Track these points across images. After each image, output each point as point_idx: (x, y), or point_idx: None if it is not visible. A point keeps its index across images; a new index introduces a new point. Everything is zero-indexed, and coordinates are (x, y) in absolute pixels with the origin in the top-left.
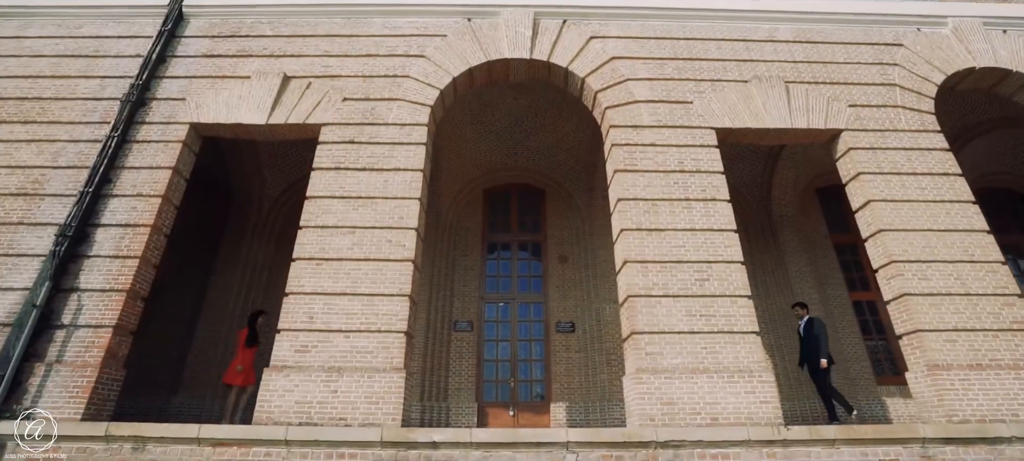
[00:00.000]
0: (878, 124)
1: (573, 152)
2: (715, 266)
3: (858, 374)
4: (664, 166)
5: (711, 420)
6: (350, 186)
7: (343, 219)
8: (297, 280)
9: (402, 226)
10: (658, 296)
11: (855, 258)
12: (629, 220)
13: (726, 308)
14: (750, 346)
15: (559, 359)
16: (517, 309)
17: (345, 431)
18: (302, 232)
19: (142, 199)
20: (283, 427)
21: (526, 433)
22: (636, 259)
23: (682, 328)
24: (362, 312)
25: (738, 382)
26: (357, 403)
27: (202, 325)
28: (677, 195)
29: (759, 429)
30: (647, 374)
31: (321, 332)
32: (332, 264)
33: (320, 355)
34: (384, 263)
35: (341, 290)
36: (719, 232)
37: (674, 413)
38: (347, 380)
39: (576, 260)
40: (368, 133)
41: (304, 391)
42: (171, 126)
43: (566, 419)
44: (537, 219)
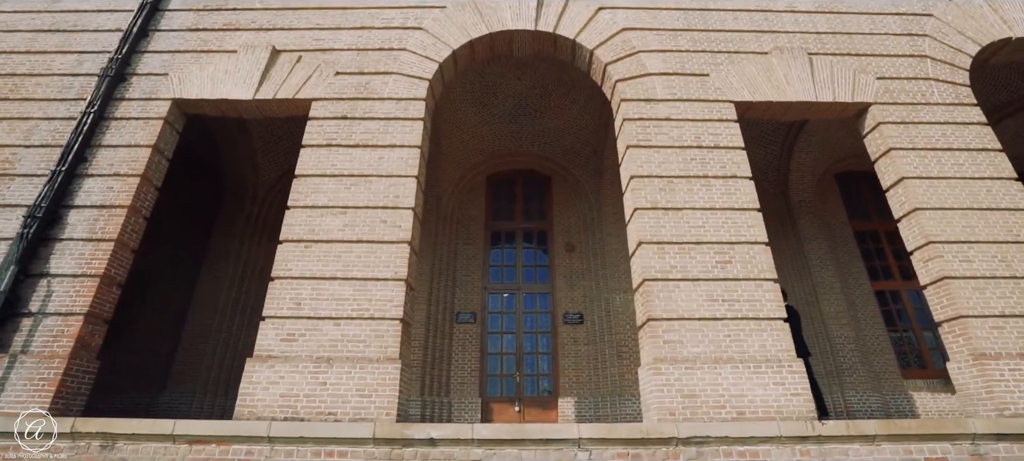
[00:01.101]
0: (909, 97)
1: (580, 135)
2: (738, 247)
3: (882, 368)
4: (680, 141)
5: (737, 414)
6: (342, 164)
7: (334, 199)
8: (284, 264)
9: (398, 206)
10: (676, 280)
11: (877, 246)
12: (643, 198)
13: (751, 292)
14: (778, 334)
15: (567, 352)
16: (522, 300)
17: (334, 427)
18: (290, 213)
19: (119, 179)
20: (266, 422)
21: (533, 428)
22: (652, 240)
23: (703, 314)
24: (354, 297)
25: (765, 373)
26: (348, 396)
27: (192, 318)
28: (695, 172)
29: (790, 424)
30: (666, 364)
31: (309, 319)
32: (322, 246)
33: (308, 344)
34: (378, 245)
35: (331, 274)
36: (741, 211)
37: (696, 407)
38: (337, 371)
39: (584, 248)
40: (362, 108)
41: (290, 383)
42: (152, 102)
43: (575, 415)
44: (543, 206)
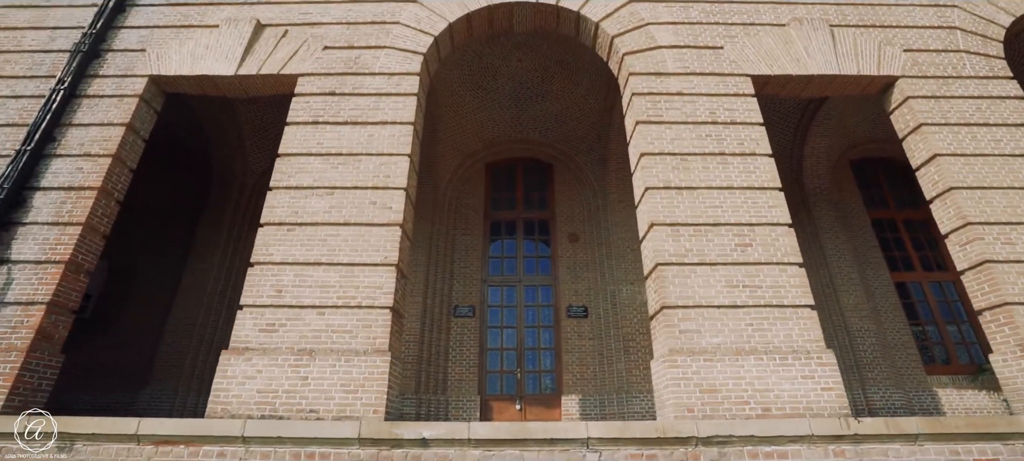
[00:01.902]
0: (939, 70)
1: (584, 120)
2: (758, 229)
3: (905, 363)
4: (693, 117)
5: (763, 411)
6: (329, 142)
7: (320, 179)
8: (264, 248)
9: (388, 186)
10: (692, 264)
11: (895, 236)
12: (655, 177)
13: (774, 277)
14: (805, 322)
15: (571, 347)
16: (523, 292)
17: (316, 426)
18: (272, 194)
19: (90, 159)
20: (240, 421)
21: (536, 427)
22: (665, 221)
23: (722, 301)
24: (340, 284)
25: (793, 365)
26: (331, 392)
27: (176, 312)
28: (710, 149)
29: (822, 421)
30: (682, 356)
31: (291, 308)
32: (306, 229)
33: (289, 335)
34: (367, 228)
35: (316, 259)
36: (761, 190)
37: (717, 403)
38: (320, 365)
39: (588, 239)
40: (351, 84)
41: (268, 378)
42: (127, 79)
43: (579, 413)
44: (545, 195)
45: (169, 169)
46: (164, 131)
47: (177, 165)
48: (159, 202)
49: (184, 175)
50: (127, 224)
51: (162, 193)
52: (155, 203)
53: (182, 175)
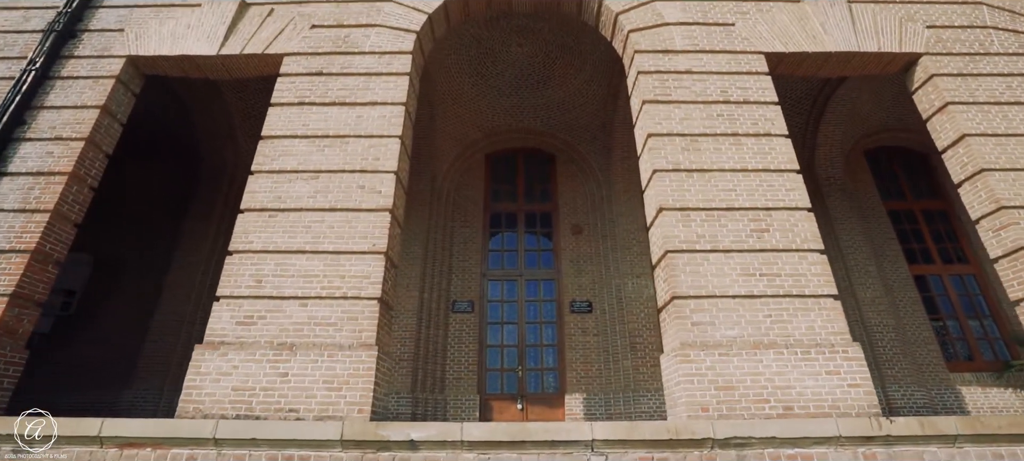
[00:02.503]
0: (966, 47)
1: (587, 108)
2: (775, 214)
3: (926, 360)
4: (704, 96)
5: (784, 410)
6: (315, 123)
7: (305, 162)
8: (244, 236)
9: (378, 169)
10: (705, 251)
11: (914, 227)
12: (663, 159)
13: (793, 265)
14: (828, 313)
15: (574, 344)
16: (525, 287)
17: (295, 427)
18: (253, 178)
19: (60, 143)
20: (212, 421)
21: (536, 429)
22: (674, 206)
23: (738, 291)
24: (324, 274)
25: (816, 360)
26: (313, 389)
27: (162, 307)
28: (722, 129)
29: (850, 421)
30: (695, 350)
31: (271, 299)
32: (289, 215)
33: (268, 328)
34: (354, 213)
35: (299, 247)
36: (777, 173)
37: (734, 401)
38: (301, 360)
39: (592, 231)
40: (340, 63)
41: (245, 374)
42: (104, 60)
43: (583, 412)
44: (547, 186)
45: (158, 161)
46: (153, 122)
47: (167, 156)
48: (149, 194)
49: (173, 166)
50: (115, 217)
51: (151, 185)
52: (144, 195)
53: (172, 166)
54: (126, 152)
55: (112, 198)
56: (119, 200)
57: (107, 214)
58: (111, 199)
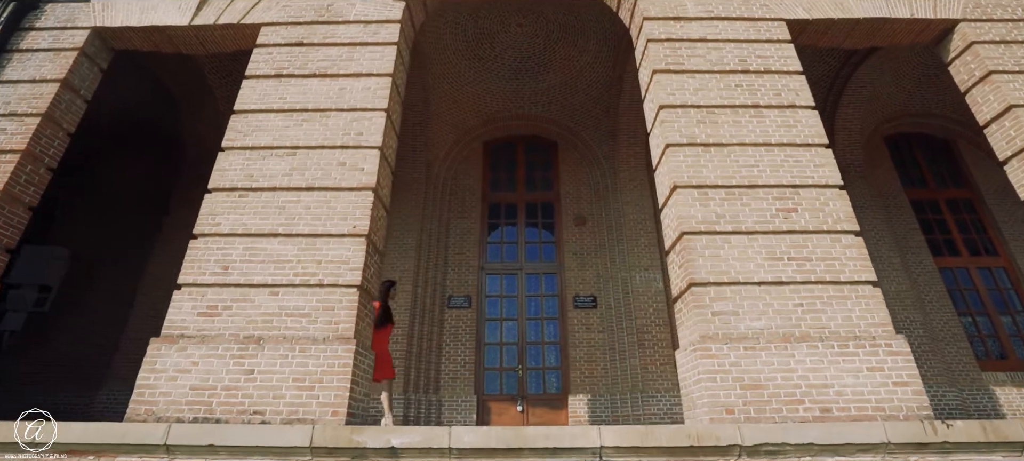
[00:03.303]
0: (1008, 13)
1: (590, 91)
2: (804, 192)
3: (956, 358)
4: (721, 65)
5: (821, 412)
6: (294, 97)
7: (281, 138)
8: (210, 218)
9: (360, 145)
10: (725, 232)
11: (938, 217)
12: (677, 132)
13: (825, 248)
14: (867, 301)
15: (578, 341)
16: (525, 281)
17: (259, 431)
18: (223, 155)
19: (15, 119)
20: (164, 426)
21: (535, 434)
22: (690, 183)
23: (764, 277)
24: (299, 259)
25: (855, 354)
26: (282, 389)
27: (141, 302)
28: (742, 101)
29: (900, 425)
30: (717, 344)
31: (239, 287)
32: (262, 195)
33: (234, 319)
34: (333, 193)
35: (271, 229)
36: (805, 147)
37: (763, 402)
38: (270, 355)
39: (597, 221)
40: (321, 33)
41: (206, 371)
42: (67, 32)
43: (588, 415)
44: (548, 175)
45: (143, 150)
46: (135, 113)
47: (149, 148)
48: (130, 187)
49: (156, 158)
50: (94, 211)
51: (135, 175)
52: (126, 188)
53: (154, 158)
54: (107, 144)
55: (92, 191)
56: (99, 193)
57: (86, 207)
58: (91, 192)
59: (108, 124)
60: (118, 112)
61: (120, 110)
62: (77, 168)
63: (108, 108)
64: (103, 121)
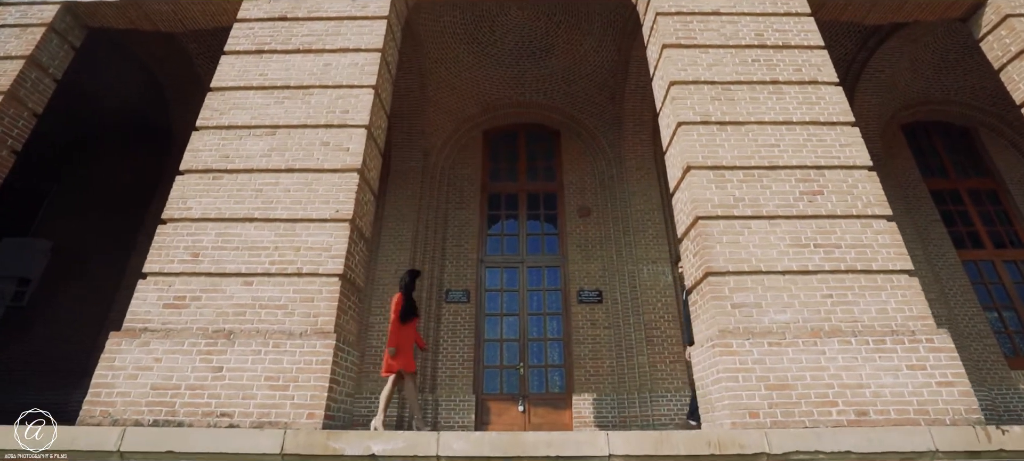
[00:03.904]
0: None
1: (595, 77)
2: (829, 173)
3: (983, 356)
4: (735, 39)
5: (856, 415)
6: (275, 73)
7: (260, 116)
8: (181, 201)
9: (346, 123)
10: (744, 217)
11: (959, 208)
12: (689, 110)
13: (855, 234)
14: (904, 292)
15: (582, 337)
16: (527, 275)
17: (225, 436)
18: (197, 135)
19: None
20: (119, 430)
21: (535, 440)
22: (705, 164)
23: (788, 265)
24: (276, 246)
25: (893, 351)
26: (253, 388)
27: (122, 298)
28: (759, 76)
29: (948, 431)
30: (738, 339)
31: (209, 276)
32: (237, 177)
33: (203, 311)
34: (315, 175)
35: (246, 214)
36: (829, 126)
37: (791, 404)
38: (241, 351)
39: (601, 212)
40: (307, 6)
41: (169, 369)
42: (35, 7)
43: (593, 415)
44: (551, 164)
45: (132, 142)
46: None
47: (140, 137)
48: (121, 177)
49: (148, 147)
50: (78, 203)
51: (124, 167)
52: (116, 179)
53: (146, 147)
54: (95, 136)
55: (78, 183)
56: (86, 186)
57: (72, 200)
58: (77, 184)
59: (95, 115)
60: (105, 103)
61: (107, 101)
62: (63, 160)
63: (95, 99)
64: (90, 112)
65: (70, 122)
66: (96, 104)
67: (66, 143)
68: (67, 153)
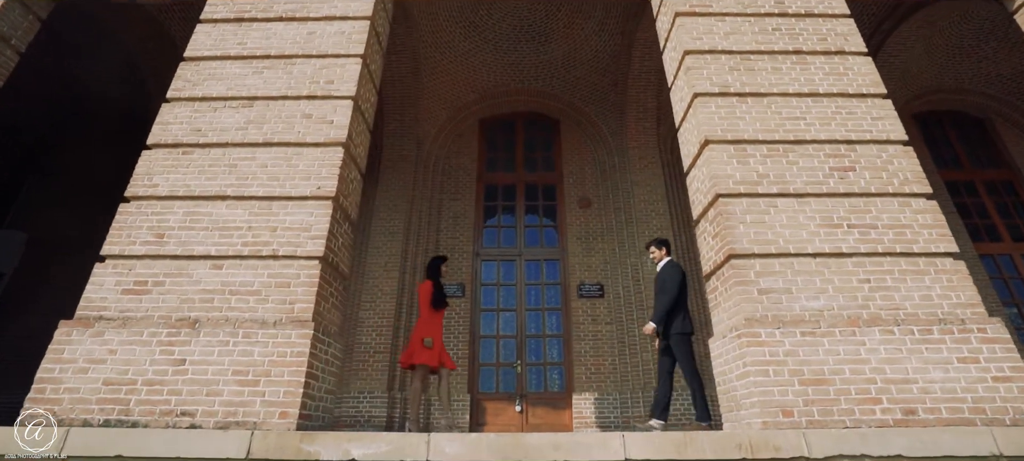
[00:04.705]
0: None
1: (596, 62)
2: (861, 148)
3: None
4: (754, 7)
5: (904, 414)
6: (255, 42)
7: (237, 87)
8: (147, 178)
9: (330, 94)
10: (770, 194)
11: (975, 200)
12: (706, 80)
13: (892, 213)
14: (949, 277)
15: (583, 333)
16: (524, 268)
17: (183, 438)
18: (167, 107)
19: None
20: (62, 431)
21: (540, 443)
22: (724, 138)
23: (820, 247)
24: (249, 226)
25: (941, 342)
26: (219, 383)
27: None
28: (781, 46)
29: (1011, 433)
30: (767, 328)
31: (174, 259)
32: (210, 152)
33: (166, 298)
34: (296, 149)
35: (218, 191)
36: (859, 98)
37: (829, 401)
38: (206, 341)
39: (603, 203)
40: None
41: (125, 362)
42: None
43: (595, 416)
44: (549, 154)
45: (114, 131)
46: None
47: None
48: (103, 171)
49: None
50: (56, 192)
51: (106, 157)
52: (98, 173)
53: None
54: (75, 124)
55: (58, 174)
56: (63, 177)
57: (52, 191)
58: (58, 175)
59: (77, 105)
60: (87, 92)
61: (90, 90)
62: (42, 150)
63: (77, 88)
64: (71, 102)
65: (50, 112)
66: (77, 93)
67: (45, 133)
68: (45, 143)
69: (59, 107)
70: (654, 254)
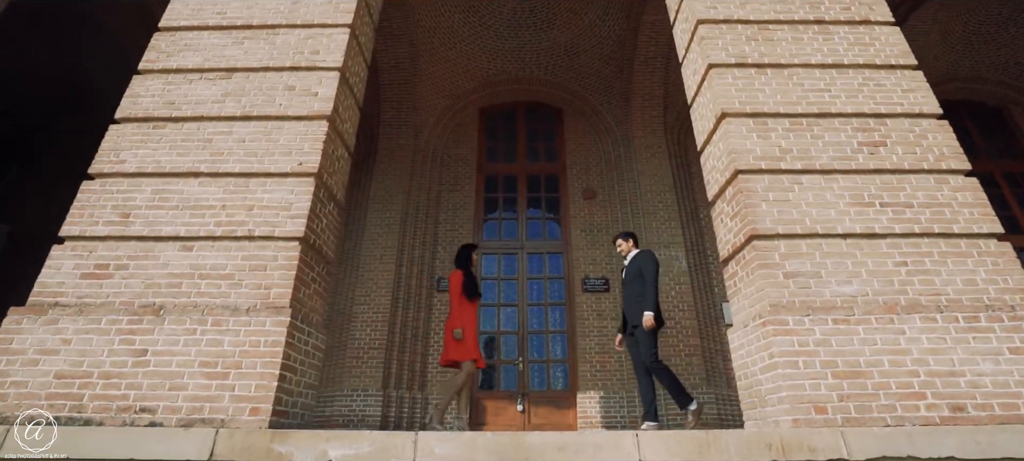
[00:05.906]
0: None
1: (600, 50)
2: (891, 122)
3: None
4: None
5: (951, 411)
6: (236, 12)
7: (214, 58)
8: (113, 154)
9: (315, 65)
10: (794, 171)
11: (995, 191)
12: (722, 51)
13: (929, 191)
14: (995, 260)
15: (588, 329)
16: (526, 262)
17: (141, 438)
18: (139, 79)
19: None
20: (3, 430)
21: (543, 442)
22: (743, 111)
23: (851, 227)
24: (224, 205)
25: (990, 331)
26: (184, 376)
27: None
28: (801, 16)
29: None
30: (795, 315)
31: (140, 240)
32: (183, 126)
33: (129, 283)
34: (276, 123)
35: (190, 167)
36: (887, 69)
37: (866, 396)
38: (171, 330)
39: (608, 194)
40: None
41: (80, 352)
42: None
43: (600, 415)
44: (552, 144)
45: (99, 120)
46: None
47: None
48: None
49: None
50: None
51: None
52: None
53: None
54: (59, 113)
55: (39, 164)
56: (48, 167)
57: (32, 182)
58: (38, 165)
59: (59, 92)
60: (71, 78)
61: (72, 76)
62: (25, 140)
63: (62, 77)
64: (55, 89)
65: (33, 101)
66: (62, 82)
67: (28, 123)
68: (28, 133)
69: (42, 96)
70: (622, 247)
